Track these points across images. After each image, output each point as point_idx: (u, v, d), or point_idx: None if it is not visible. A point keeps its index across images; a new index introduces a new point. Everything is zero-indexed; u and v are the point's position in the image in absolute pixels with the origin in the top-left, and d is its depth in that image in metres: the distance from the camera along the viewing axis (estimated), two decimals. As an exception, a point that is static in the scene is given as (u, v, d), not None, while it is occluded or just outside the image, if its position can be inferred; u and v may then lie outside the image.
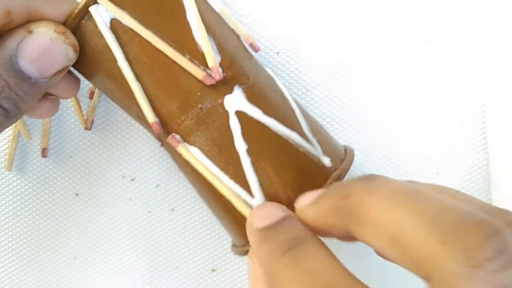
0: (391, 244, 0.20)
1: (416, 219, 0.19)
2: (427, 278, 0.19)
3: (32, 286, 0.39)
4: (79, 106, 0.36)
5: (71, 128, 0.38)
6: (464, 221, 0.19)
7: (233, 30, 0.31)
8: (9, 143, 0.37)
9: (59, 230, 0.39)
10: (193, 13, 0.28)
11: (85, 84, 0.37)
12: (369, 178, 0.22)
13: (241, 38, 0.32)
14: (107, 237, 0.39)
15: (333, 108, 0.38)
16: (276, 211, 0.26)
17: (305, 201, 0.26)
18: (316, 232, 0.25)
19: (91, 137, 0.38)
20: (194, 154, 0.29)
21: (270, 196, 0.28)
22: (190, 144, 0.29)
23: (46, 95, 0.29)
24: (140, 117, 0.30)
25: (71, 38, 0.27)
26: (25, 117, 0.36)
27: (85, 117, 0.37)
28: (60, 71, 0.27)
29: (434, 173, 0.38)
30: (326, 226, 0.24)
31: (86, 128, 0.37)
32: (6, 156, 0.37)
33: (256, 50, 0.33)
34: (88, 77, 0.30)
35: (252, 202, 0.28)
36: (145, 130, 0.37)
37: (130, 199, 0.38)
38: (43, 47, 0.26)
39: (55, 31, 0.26)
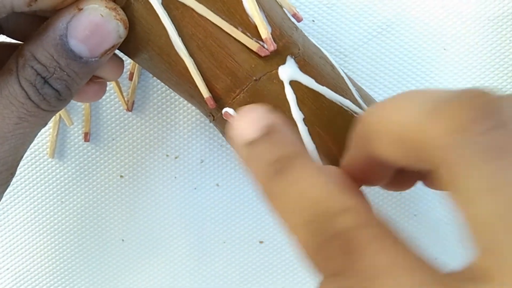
0: (401, 144, 0.19)
1: (414, 109, 0.18)
2: (430, 167, 0.17)
3: (81, 271, 0.40)
4: (120, 88, 0.36)
5: (111, 111, 0.37)
6: (453, 96, 0.17)
7: (276, 1, 0.31)
8: (51, 130, 0.37)
9: (105, 213, 0.39)
10: (243, -15, 0.28)
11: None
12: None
13: (284, 8, 0.31)
14: (154, 217, 0.39)
15: (372, 72, 0.38)
16: (260, 119, 0.22)
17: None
18: (358, 180, 0.24)
19: (132, 118, 0.38)
20: None
21: (329, 163, 0.29)
22: (245, 117, 0.29)
23: (94, 78, 0.29)
24: (190, 93, 0.29)
25: (122, 14, 0.26)
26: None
27: (125, 99, 0.37)
28: (110, 49, 0.26)
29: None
30: (356, 164, 0.23)
31: (127, 110, 0.37)
32: (49, 143, 0.37)
33: (299, 20, 0.32)
34: (134, 55, 0.30)
35: None
36: (185, 108, 0.37)
37: (175, 177, 0.38)
38: (94, 24, 0.25)
39: (106, 6, 0.25)
